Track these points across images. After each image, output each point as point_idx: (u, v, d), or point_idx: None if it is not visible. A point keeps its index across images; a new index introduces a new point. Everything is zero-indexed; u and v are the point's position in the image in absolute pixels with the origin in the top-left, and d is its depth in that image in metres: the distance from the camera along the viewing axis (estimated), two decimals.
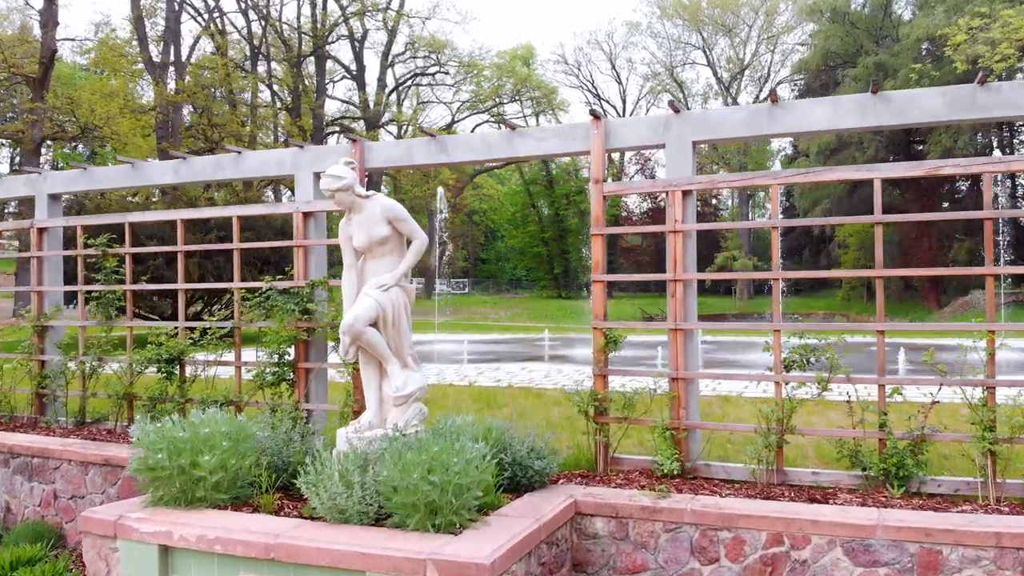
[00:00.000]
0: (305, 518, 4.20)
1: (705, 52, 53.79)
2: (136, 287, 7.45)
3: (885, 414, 5.02)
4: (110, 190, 8.11)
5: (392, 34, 44.55)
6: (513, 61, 51.69)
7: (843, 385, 5.03)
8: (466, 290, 59.09)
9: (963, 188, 40.77)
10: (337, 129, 44.94)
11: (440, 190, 23.71)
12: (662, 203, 52.95)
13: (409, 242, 4.81)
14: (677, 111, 5.44)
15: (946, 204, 39.08)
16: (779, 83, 50.84)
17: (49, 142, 32.40)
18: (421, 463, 3.69)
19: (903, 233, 36.87)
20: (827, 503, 4.64)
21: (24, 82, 28.77)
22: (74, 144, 35.09)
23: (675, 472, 5.09)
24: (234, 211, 6.85)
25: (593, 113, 5.57)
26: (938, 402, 4.92)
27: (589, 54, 71.22)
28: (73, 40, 35.50)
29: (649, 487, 4.92)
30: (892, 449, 4.90)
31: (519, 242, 57.60)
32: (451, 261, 56.67)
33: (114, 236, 7.66)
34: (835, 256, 42.47)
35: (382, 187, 47.55)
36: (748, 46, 53.68)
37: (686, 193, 5.38)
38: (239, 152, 6.98)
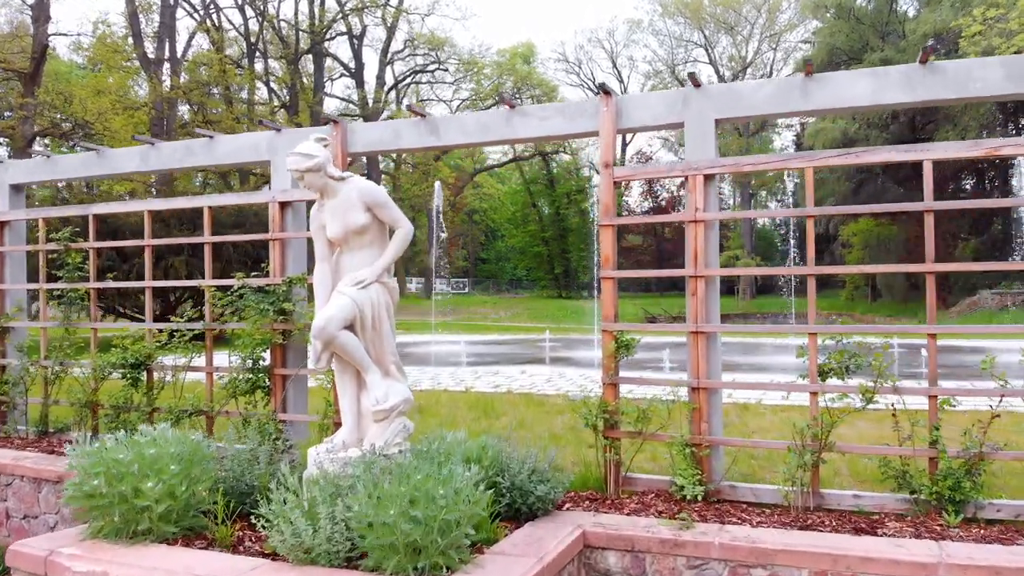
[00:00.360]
0: (267, 555, 3.57)
1: (707, 50, 53.20)
2: (100, 285, 6.82)
3: (937, 429, 4.40)
4: (75, 179, 7.49)
5: (391, 31, 43.94)
6: (514, 59, 51.07)
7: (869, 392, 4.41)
8: (466, 290, 58.47)
9: (967, 187, 40.22)
10: None
11: (437, 186, 23.02)
12: (662, 202, 52.35)
13: (392, 232, 4.18)
14: (698, 84, 4.81)
15: None
16: None
17: (47, 141, 31.81)
18: (400, 495, 3.06)
19: (908, 232, 36.31)
20: (875, 533, 4.01)
21: (16, 78, 28.22)
22: (72, 143, 34.49)
23: (698, 497, 4.45)
24: (205, 201, 6.22)
25: (603, 88, 4.94)
26: (999, 415, 4.30)
27: (590, 52, 70.55)
28: (66, 35, 34.93)
29: (668, 514, 4.29)
30: (946, 469, 4.28)
31: (519, 241, 56.92)
32: (451, 261, 56.06)
33: (78, 229, 7.05)
34: (839, 255, 41.82)
35: (381, 186, 46.80)
36: (750, 44, 53.10)
37: (708, 177, 4.74)
38: (211, 136, 6.36)
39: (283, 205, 5.84)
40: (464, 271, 62.79)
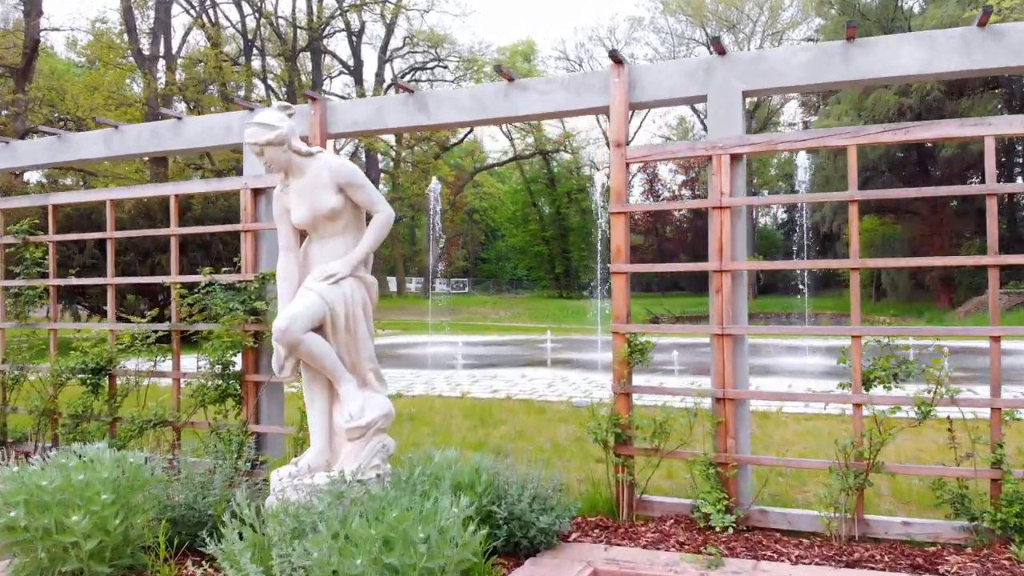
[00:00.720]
0: None
1: (709, 48, 52.61)
2: (59, 281, 6.24)
3: (1001, 446, 3.82)
4: (36, 166, 6.91)
5: (390, 28, 43.37)
6: (514, 57, 50.54)
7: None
8: (466, 290, 57.90)
9: (973, 182, 39.73)
10: None
11: (435, 182, 22.46)
12: (663, 201, 51.64)
13: (369, 217, 3.58)
14: (723, 52, 4.22)
15: (954, 203, 37.99)
16: None
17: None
18: (371, 538, 2.47)
19: (913, 231, 35.80)
20: (936, 571, 3.42)
21: (8, 74, 27.75)
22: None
23: (728, 528, 3.86)
24: (171, 189, 5.63)
25: (614, 56, 4.35)
26: None
27: (591, 50, 69.71)
28: (58, 30, 34.36)
29: (691, 546, 3.70)
30: (1012, 493, 3.69)
31: (520, 241, 56.32)
32: (451, 261, 55.48)
33: (37, 222, 6.48)
34: (842, 255, 41.33)
35: (381, 185, 46.22)
36: (752, 42, 52.48)
37: (735, 158, 4.16)
38: (179, 118, 5.78)
39: (256, 192, 5.25)
40: (464, 271, 62.18)
